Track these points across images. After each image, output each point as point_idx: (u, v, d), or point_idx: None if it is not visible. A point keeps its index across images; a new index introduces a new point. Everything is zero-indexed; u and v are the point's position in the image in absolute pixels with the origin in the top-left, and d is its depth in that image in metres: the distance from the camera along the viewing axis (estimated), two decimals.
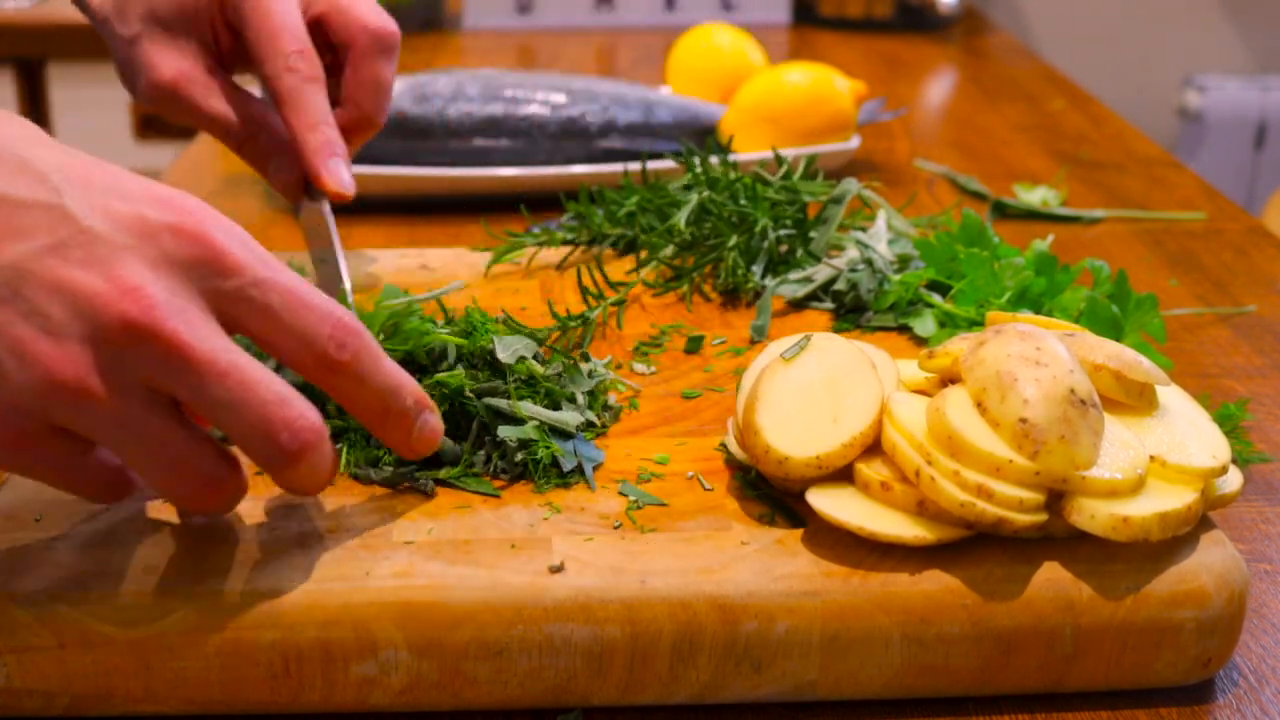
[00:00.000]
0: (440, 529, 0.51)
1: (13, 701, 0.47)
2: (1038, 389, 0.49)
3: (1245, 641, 0.53)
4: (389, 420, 0.50)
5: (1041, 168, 1.14)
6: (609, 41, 1.70)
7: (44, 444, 0.45)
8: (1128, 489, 0.48)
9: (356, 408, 0.49)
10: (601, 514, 0.52)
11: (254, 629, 0.46)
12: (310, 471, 0.47)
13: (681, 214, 0.81)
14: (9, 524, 0.51)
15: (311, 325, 0.47)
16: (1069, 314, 0.70)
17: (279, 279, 0.47)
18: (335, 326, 0.47)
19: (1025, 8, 2.41)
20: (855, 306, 0.74)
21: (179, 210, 0.46)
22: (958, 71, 1.60)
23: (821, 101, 1.05)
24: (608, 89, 1.04)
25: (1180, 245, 0.95)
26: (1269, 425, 0.69)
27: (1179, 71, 2.44)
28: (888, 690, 0.49)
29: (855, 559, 0.49)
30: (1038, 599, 0.48)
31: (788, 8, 1.80)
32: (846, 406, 0.52)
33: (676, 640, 0.47)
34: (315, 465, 0.47)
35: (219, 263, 0.46)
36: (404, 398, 0.50)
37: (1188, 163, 1.88)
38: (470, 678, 0.48)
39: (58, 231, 0.44)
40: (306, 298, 0.47)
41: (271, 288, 0.47)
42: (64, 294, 0.44)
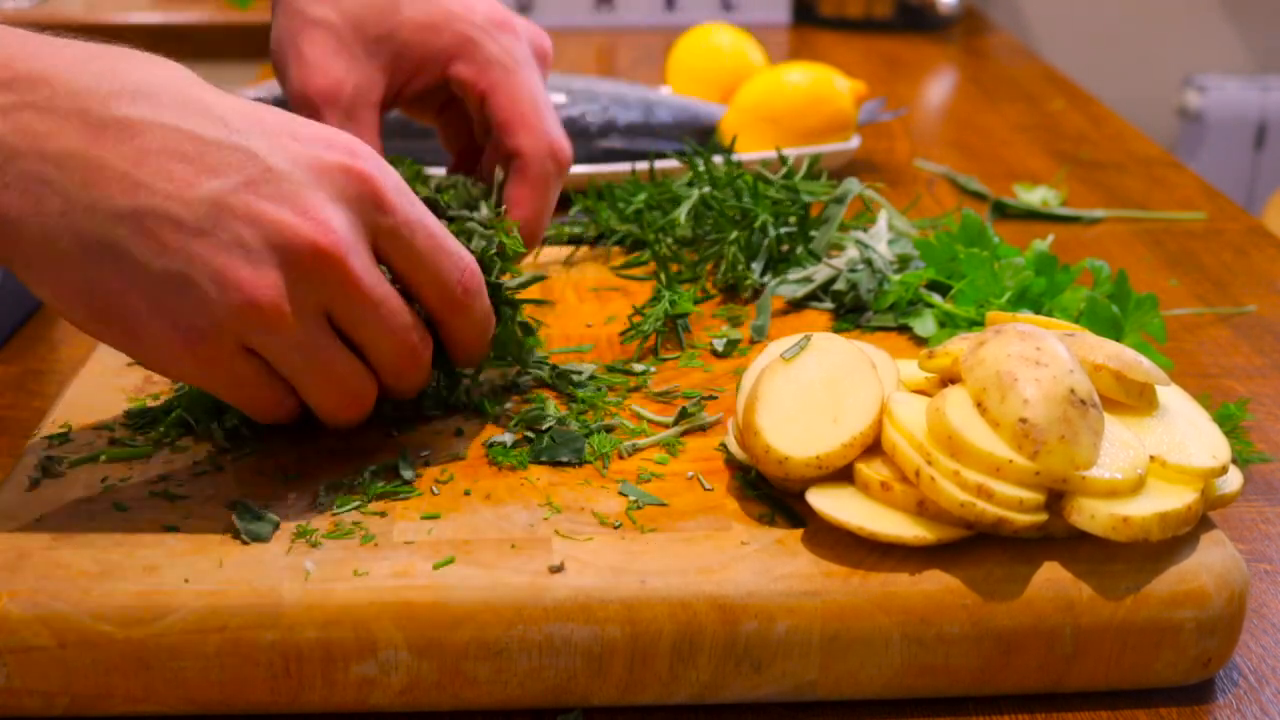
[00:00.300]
0: (440, 529, 0.51)
1: (13, 701, 0.47)
2: (1038, 389, 0.49)
3: (1245, 641, 0.53)
4: (474, 346, 0.58)
5: (1041, 168, 1.14)
6: (609, 41, 1.70)
7: (235, 363, 0.50)
8: (1128, 489, 0.48)
9: (457, 334, 0.57)
10: (601, 514, 0.52)
11: (254, 629, 0.46)
12: (419, 378, 0.56)
13: (682, 209, 0.81)
14: (9, 524, 0.51)
15: (446, 268, 0.54)
16: (1069, 314, 0.70)
17: (425, 222, 0.54)
18: (464, 273, 0.55)
19: (1025, 8, 2.41)
20: (855, 306, 0.74)
21: (348, 151, 0.52)
22: (958, 71, 1.60)
23: (821, 101, 1.05)
24: (608, 89, 1.04)
25: (1180, 245, 0.95)
26: (1269, 425, 0.69)
27: (1179, 71, 2.44)
28: (888, 690, 0.49)
29: (855, 559, 0.49)
30: (1038, 599, 0.48)
31: (788, 8, 1.80)
32: (846, 406, 0.52)
33: (676, 640, 0.47)
34: (423, 375, 0.56)
35: (381, 201, 0.52)
36: (490, 328, 0.58)
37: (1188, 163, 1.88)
38: (470, 678, 0.48)
39: (247, 169, 0.49)
40: (445, 242, 0.54)
41: (418, 229, 0.53)
42: (259, 224, 0.49)
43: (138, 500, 0.53)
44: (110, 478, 0.54)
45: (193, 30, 2.03)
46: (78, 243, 0.48)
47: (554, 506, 0.53)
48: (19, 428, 0.67)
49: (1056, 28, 2.41)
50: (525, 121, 0.66)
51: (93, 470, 0.55)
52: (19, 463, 0.55)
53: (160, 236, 0.48)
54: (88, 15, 2.05)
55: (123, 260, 0.48)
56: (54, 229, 0.48)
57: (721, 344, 0.69)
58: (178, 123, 0.49)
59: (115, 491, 0.53)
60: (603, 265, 0.81)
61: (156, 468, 0.55)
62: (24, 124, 0.47)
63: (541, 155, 0.67)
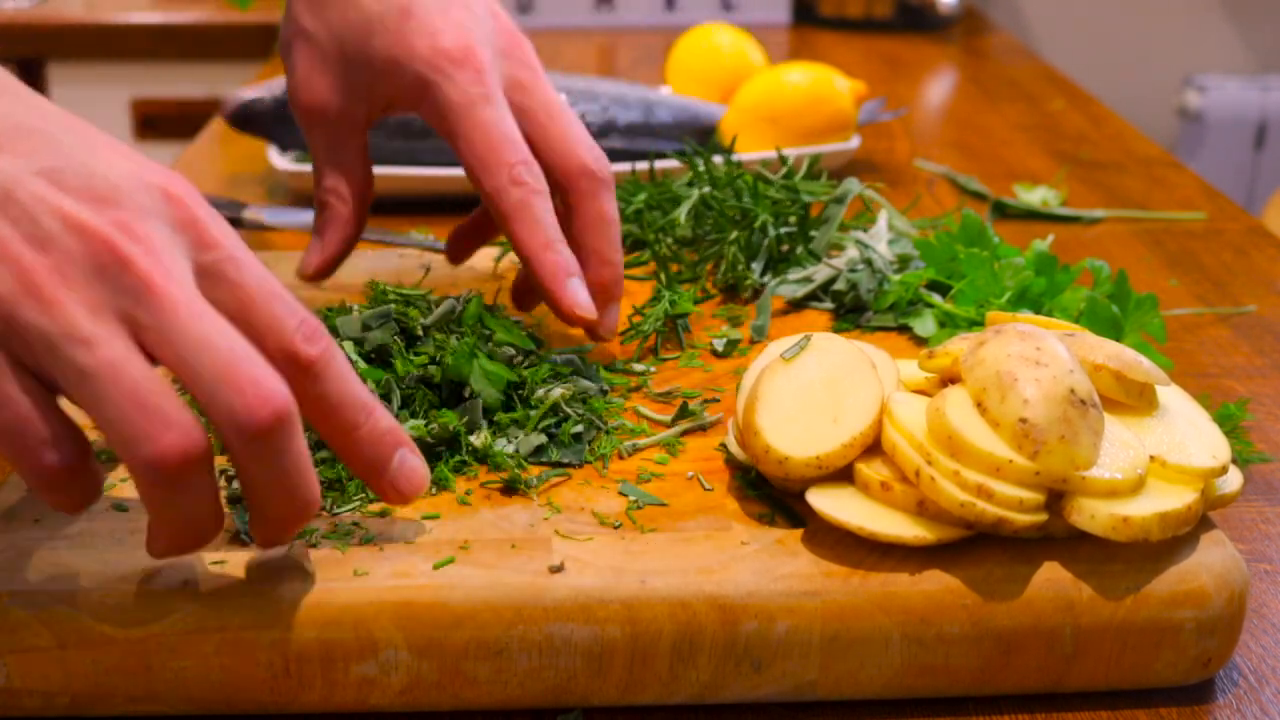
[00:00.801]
0: (440, 529, 0.51)
1: (13, 701, 0.47)
2: (1038, 389, 0.49)
3: (1245, 641, 0.53)
4: (363, 444, 0.47)
5: (1041, 168, 1.14)
6: (609, 41, 1.70)
7: None
8: (1128, 489, 0.48)
9: (327, 422, 0.46)
10: (601, 514, 0.52)
11: (254, 629, 0.46)
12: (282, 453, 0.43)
13: (682, 209, 0.81)
14: (9, 524, 0.51)
15: (281, 314, 0.45)
16: (1069, 314, 0.70)
17: (254, 264, 0.46)
18: (303, 321, 0.45)
19: (1025, 8, 2.41)
20: (855, 306, 0.74)
21: (170, 177, 0.46)
22: (958, 71, 1.60)
23: (821, 101, 1.05)
24: (608, 89, 1.04)
25: (1180, 245, 0.95)
26: (1269, 425, 0.69)
27: (1179, 71, 2.44)
28: (888, 690, 0.49)
29: (855, 559, 0.49)
30: (1038, 599, 0.48)
31: (788, 8, 1.80)
32: (846, 406, 0.52)
33: (676, 640, 0.47)
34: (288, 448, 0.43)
35: (201, 232, 0.45)
36: (378, 419, 0.47)
37: (1188, 163, 1.88)
38: (470, 678, 0.48)
39: (55, 159, 0.44)
40: (278, 289, 0.46)
41: (247, 269, 0.45)
42: (54, 210, 0.43)
43: (138, 500, 0.53)
44: (110, 478, 0.54)
45: (193, 30, 2.03)
46: None
47: (554, 506, 0.53)
48: None
49: (1056, 28, 2.41)
50: (483, 164, 0.63)
51: None
52: None
53: None
54: (88, 15, 2.05)
55: None
56: None
57: (721, 344, 0.69)
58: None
59: (115, 491, 0.53)
60: None
61: None
62: None
63: (501, 187, 0.62)
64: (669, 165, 0.95)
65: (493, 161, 0.63)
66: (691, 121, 1.05)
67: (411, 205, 0.98)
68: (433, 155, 0.99)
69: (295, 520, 0.46)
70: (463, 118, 0.63)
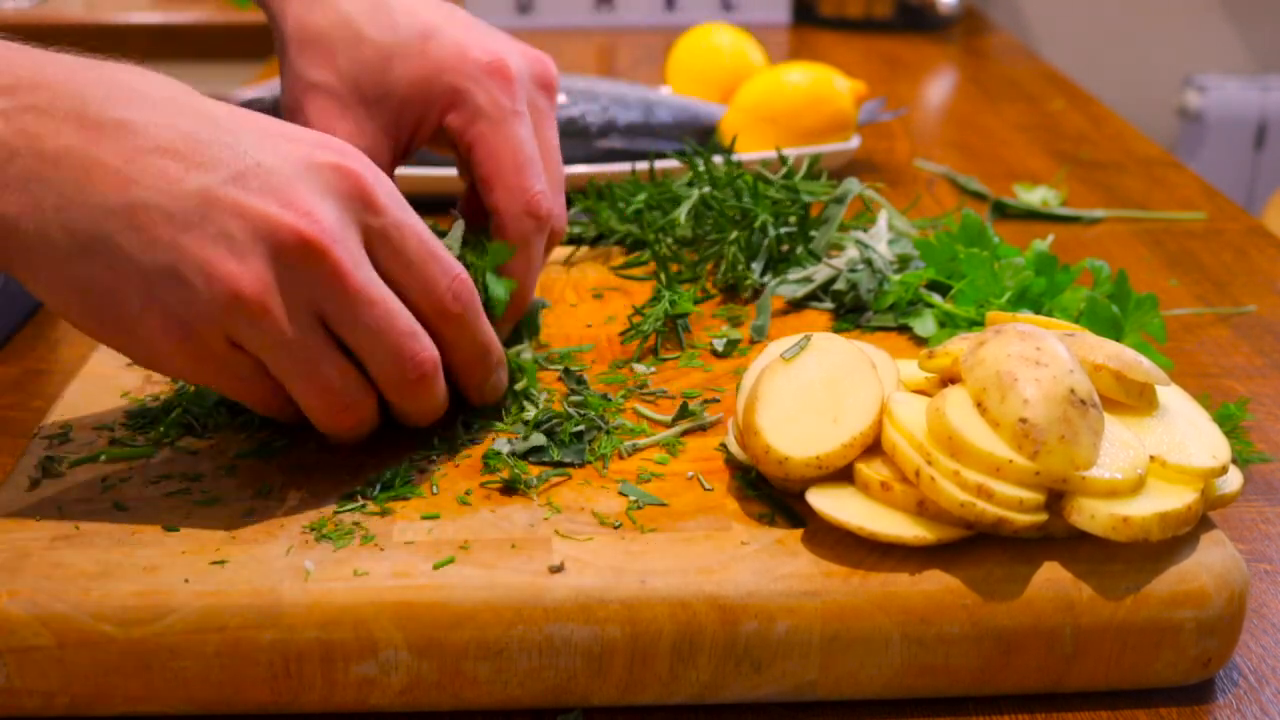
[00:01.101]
0: (440, 529, 0.51)
1: (13, 701, 0.47)
2: (1038, 389, 0.49)
3: (1245, 641, 0.53)
4: (475, 369, 0.57)
5: (1041, 168, 1.14)
6: (609, 41, 1.70)
7: (226, 358, 0.51)
8: (1128, 489, 0.48)
9: (454, 353, 0.56)
10: (601, 514, 0.52)
11: (254, 629, 0.46)
12: (426, 397, 0.54)
13: (682, 209, 0.81)
14: (9, 524, 0.51)
15: (435, 274, 0.54)
16: (1069, 314, 0.70)
17: (416, 227, 0.53)
18: (454, 280, 0.54)
19: (1025, 8, 2.41)
20: (855, 306, 0.74)
21: (339, 151, 0.52)
22: (958, 71, 1.60)
23: (821, 101, 1.05)
24: (608, 89, 1.04)
25: (1180, 245, 0.95)
26: (1269, 425, 0.69)
27: (1179, 71, 2.44)
28: (888, 690, 0.49)
29: (855, 559, 0.49)
30: (1038, 599, 0.48)
31: (788, 8, 1.80)
32: (846, 406, 0.52)
33: (676, 640, 0.47)
34: (430, 393, 0.54)
35: (371, 201, 0.52)
36: (493, 354, 0.57)
37: (1188, 163, 1.88)
38: (470, 678, 0.48)
39: (234, 164, 0.50)
40: (436, 249, 0.54)
41: (409, 233, 0.53)
42: (246, 217, 0.49)
43: (138, 500, 0.53)
44: (110, 478, 0.54)
45: (193, 30, 2.03)
46: (71, 239, 0.48)
47: (554, 506, 0.53)
48: (19, 428, 0.68)
49: (1056, 28, 2.41)
50: (503, 179, 0.63)
51: (93, 470, 0.55)
52: (19, 463, 0.55)
53: (150, 230, 0.48)
54: (88, 15, 2.05)
55: (114, 255, 0.48)
56: (49, 226, 0.48)
57: (721, 344, 0.69)
58: (170, 122, 0.50)
59: (115, 491, 0.53)
60: (603, 265, 0.81)
61: (156, 468, 0.55)
62: (24, 126, 0.48)
63: (517, 213, 0.63)
64: (669, 165, 0.95)
65: (515, 183, 0.63)
66: (691, 121, 1.05)
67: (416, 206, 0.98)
68: (433, 156, 0.99)
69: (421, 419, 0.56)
70: (494, 127, 0.64)
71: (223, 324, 0.49)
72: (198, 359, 0.51)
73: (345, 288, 0.50)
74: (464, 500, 0.53)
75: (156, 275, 0.49)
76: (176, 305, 0.49)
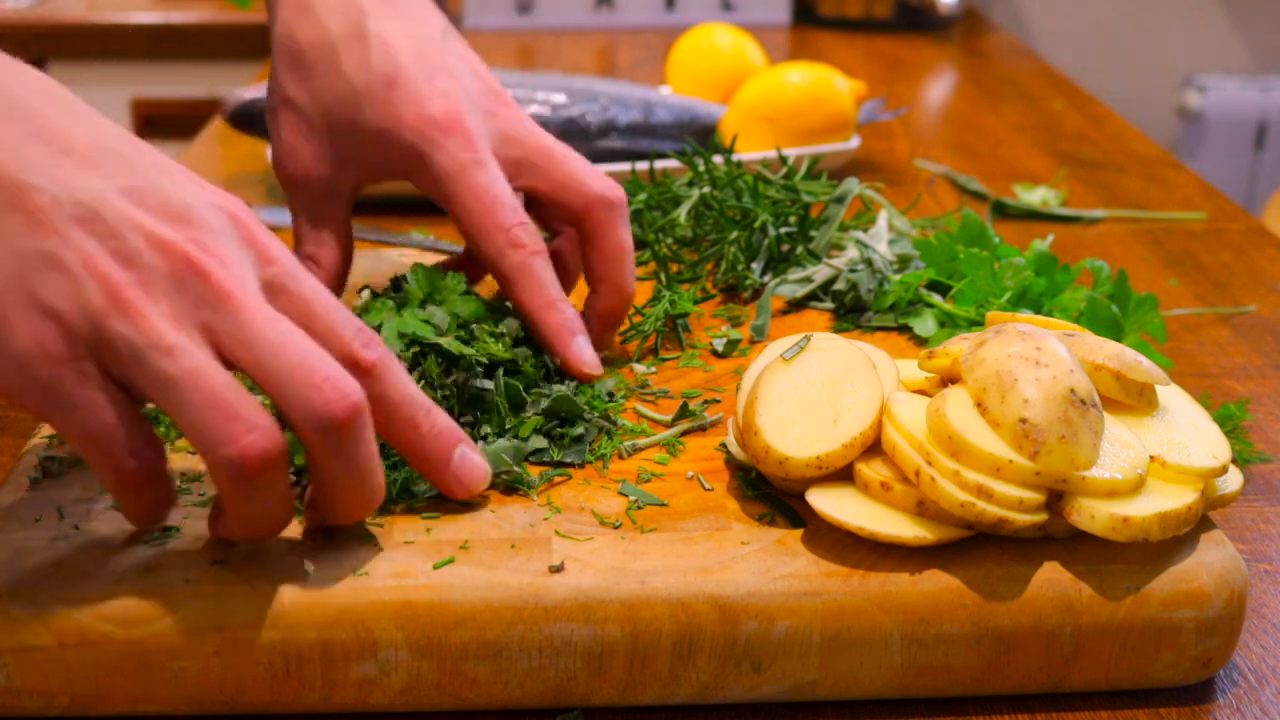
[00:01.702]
0: (440, 529, 0.51)
1: (13, 701, 0.47)
2: (1038, 389, 0.49)
3: (1245, 641, 0.53)
4: (426, 440, 0.51)
5: (1041, 168, 1.14)
6: (609, 41, 1.70)
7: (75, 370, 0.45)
8: (1128, 489, 0.48)
9: (391, 422, 0.50)
10: (601, 514, 0.52)
11: (254, 629, 0.46)
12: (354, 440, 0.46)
13: (682, 209, 0.81)
14: (9, 524, 0.51)
15: (340, 321, 0.49)
16: (1069, 314, 0.70)
17: (310, 279, 0.49)
18: (360, 329, 0.49)
19: (1025, 8, 2.41)
20: (855, 306, 0.74)
21: (232, 200, 0.49)
22: (958, 71, 1.60)
23: (821, 101, 1.05)
24: (608, 89, 1.04)
25: (1180, 245, 0.95)
26: (1269, 425, 0.69)
27: (1179, 71, 2.44)
28: (888, 690, 0.49)
29: (855, 559, 0.49)
30: (1038, 599, 0.48)
31: (788, 8, 1.80)
32: (846, 406, 0.52)
33: (676, 640, 0.47)
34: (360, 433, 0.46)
35: (264, 249, 0.48)
36: (437, 417, 0.51)
37: (1188, 163, 1.88)
38: (470, 678, 0.48)
39: (134, 179, 0.47)
40: (334, 300, 0.49)
41: (305, 282, 0.49)
42: (138, 231, 0.45)
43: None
44: None
45: (193, 30, 2.03)
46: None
47: (554, 506, 0.53)
48: (19, 428, 0.68)
49: (1056, 28, 2.41)
50: (480, 229, 0.63)
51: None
52: (19, 463, 0.55)
53: (36, 213, 0.45)
54: (88, 15, 2.05)
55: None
56: None
57: (721, 344, 0.69)
58: (69, 119, 0.47)
59: None
60: None
61: None
62: None
63: (502, 251, 0.63)
64: (669, 165, 0.95)
65: (489, 225, 0.63)
66: (691, 121, 1.05)
67: (412, 205, 0.98)
68: None
69: (363, 509, 0.49)
70: (455, 183, 0.63)
71: (96, 321, 0.44)
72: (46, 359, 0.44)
73: (245, 320, 0.45)
74: (464, 500, 0.53)
75: (33, 259, 0.44)
76: (48, 293, 0.44)
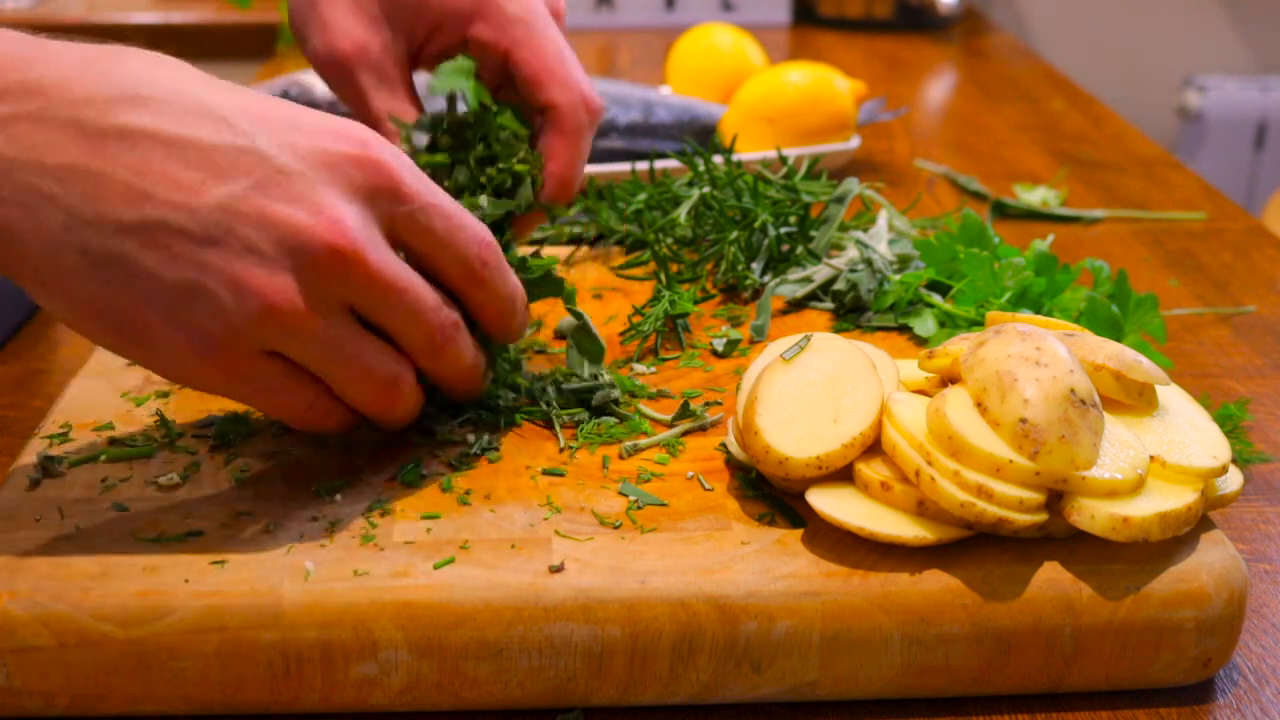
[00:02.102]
0: (440, 529, 0.51)
1: (13, 701, 0.47)
2: (1038, 389, 0.49)
3: (1245, 641, 0.53)
4: (505, 319, 0.57)
5: (1041, 168, 1.14)
6: (609, 41, 1.70)
7: (258, 368, 0.50)
8: (1128, 489, 0.48)
9: (485, 310, 0.56)
10: (601, 514, 0.52)
11: (254, 629, 0.46)
12: (455, 357, 0.55)
13: (683, 209, 0.81)
14: (9, 524, 0.51)
15: (463, 245, 0.53)
16: (1069, 314, 0.70)
17: (440, 203, 0.53)
18: (482, 248, 0.54)
19: (1025, 8, 2.41)
20: (855, 306, 0.74)
21: (356, 141, 0.51)
22: (958, 71, 1.60)
23: (821, 101, 1.05)
24: (608, 89, 1.04)
25: (1180, 245, 0.95)
26: (1269, 425, 0.69)
27: (1179, 71, 2.44)
28: (888, 690, 0.49)
29: (855, 559, 0.49)
30: (1038, 599, 0.48)
31: (788, 8, 1.80)
32: (846, 406, 0.52)
33: (676, 640, 0.47)
34: (458, 353, 0.55)
35: (395, 190, 0.51)
36: (518, 299, 0.57)
37: (1188, 163, 1.88)
38: (470, 678, 0.48)
39: (255, 172, 0.48)
40: (460, 220, 0.54)
41: (435, 213, 0.52)
42: (272, 228, 0.48)
43: (138, 500, 0.53)
44: (110, 478, 0.54)
45: (193, 30, 2.03)
46: (84, 258, 0.47)
47: (554, 506, 0.53)
48: (19, 428, 0.68)
49: (1056, 28, 2.41)
50: (555, 75, 0.65)
51: (93, 470, 0.55)
52: (19, 463, 0.55)
53: (170, 247, 0.47)
54: (88, 15, 2.05)
55: (133, 274, 0.47)
56: (59, 244, 0.46)
57: (721, 344, 0.69)
58: (179, 129, 0.48)
59: (115, 491, 0.53)
60: (603, 265, 0.81)
61: (156, 468, 0.55)
62: (20, 136, 0.46)
63: (575, 106, 0.65)
64: (669, 165, 0.95)
65: (564, 75, 0.65)
66: (691, 121, 1.05)
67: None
68: None
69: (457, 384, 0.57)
70: (531, 30, 0.65)
71: (255, 336, 0.49)
72: (229, 372, 0.50)
73: (378, 285, 0.50)
74: (464, 500, 0.53)
75: (179, 292, 0.47)
76: (204, 321, 0.48)
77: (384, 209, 0.51)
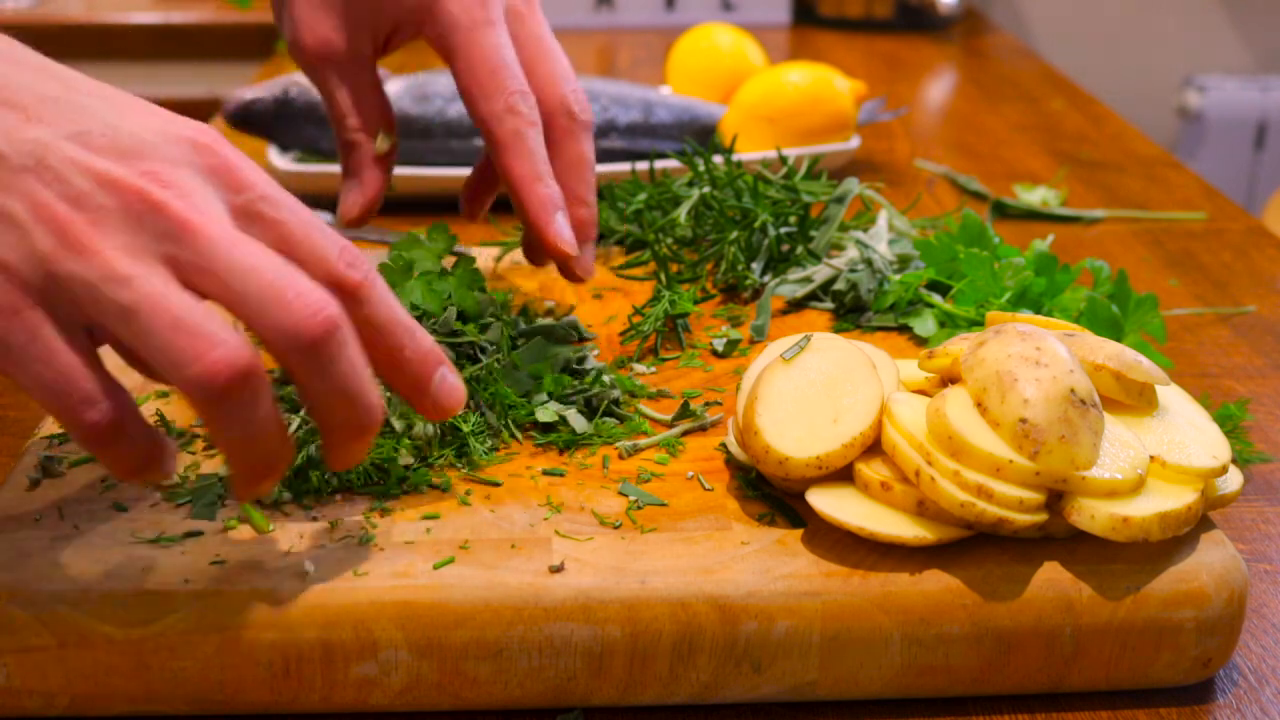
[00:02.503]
0: (440, 529, 0.51)
1: (13, 701, 0.47)
2: (1038, 389, 0.49)
3: (1245, 641, 0.53)
4: (410, 363, 0.48)
5: (1041, 168, 1.14)
6: (609, 41, 1.70)
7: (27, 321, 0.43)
8: (1128, 489, 0.48)
9: (375, 344, 0.47)
10: (601, 514, 0.52)
11: (254, 629, 0.46)
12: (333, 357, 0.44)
13: (683, 209, 0.81)
14: (9, 524, 0.51)
15: (321, 242, 0.46)
16: (1069, 314, 0.70)
17: (287, 199, 0.47)
18: (344, 249, 0.47)
19: (1025, 8, 2.41)
20: (855, 306, 0.74)
21: (197, 127, 0.47)
22: (958, 71, 1.60)
23: (821, 101, 1.05)
24: (608, 89, 1.04)
25: (1180, 245, 0.95)
26: (1269, 425, 0.69)
27: (1179, 71, 2.44)
28: (888, 690, 0.49)
29: (855, 559, 0.49)
30: (1038, 599, 0.48)
31: (788, 8, 1.80)
32: (846, 406, 0.52)
33: (676, 640, 0.47)
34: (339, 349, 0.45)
35: (233, 176, 0.46)
36: (421, 339, 0.49)
37: (1188, 163, 1.88)
38: (470, 678, 0.48)
39: (81, 123, 0.45)
40: (315, 219, 0.47)
41: (281, 205, 0.47)
42: (85, 169, 0.44)
43: (138, 500, 0.53)
44: (110, 478, 0.54)
45: (193, 30, 2.03)
46: None
47: (554, 506, 0.53)
48: (19, 428, 0.68)
49: (1056, 28, 2.41)
50: (482, 88, 0.63)
51: (93, 470, 0.55)
52: (19, 463, 0.55)
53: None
54: (88, 15, 2.05)
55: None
56: None
57: (721, 344, 0.69)
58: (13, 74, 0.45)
59: (115, 491, 0.53)
60: (603, 265, 0.81)
61: None
62: None
63: (498, 114, 0.62)
64: (669, 165, 0.95)
65: (491, 87, 0.63)
66: (691, 121, 1.05)
67: (414, 205, 0.98)
68: (433, 156, 0.99)
69: (363, 430, 0.47)
70: (465, 38, 0.64)
71: (47, 268, 0.43)
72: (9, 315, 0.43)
73: (206, 247, 0.43)
74: (464, 500, 0.53)
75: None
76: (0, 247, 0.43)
77: (225, 195, 0.46)
